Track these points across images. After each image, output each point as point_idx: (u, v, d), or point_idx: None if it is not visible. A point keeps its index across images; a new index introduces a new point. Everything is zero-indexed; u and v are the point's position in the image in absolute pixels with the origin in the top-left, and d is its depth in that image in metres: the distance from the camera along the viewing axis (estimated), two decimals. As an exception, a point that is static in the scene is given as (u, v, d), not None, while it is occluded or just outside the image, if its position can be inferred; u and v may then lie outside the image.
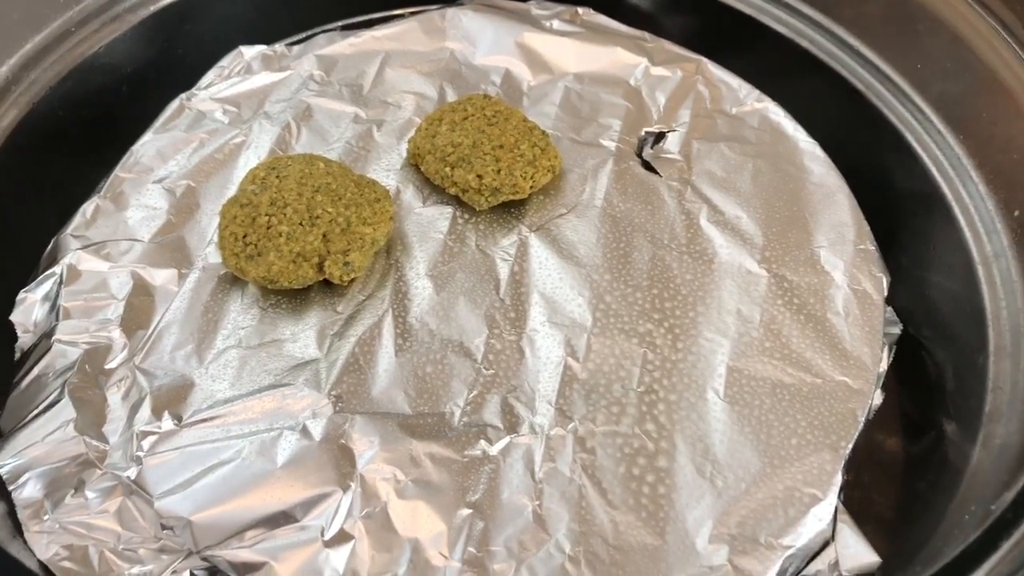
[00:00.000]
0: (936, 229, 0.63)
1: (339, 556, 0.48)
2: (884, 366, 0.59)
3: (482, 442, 0.53)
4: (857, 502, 0.54)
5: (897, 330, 0.61)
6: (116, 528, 0.50)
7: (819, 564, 0.50)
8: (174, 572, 0.48)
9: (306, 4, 0.75)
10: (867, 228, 0.63)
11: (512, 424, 0.53)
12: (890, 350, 0.60)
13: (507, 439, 0.53)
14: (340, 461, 0.51)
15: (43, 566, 0.48)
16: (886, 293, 0.60)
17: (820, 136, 0.68)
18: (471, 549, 0.49)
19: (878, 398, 0.58)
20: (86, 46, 0.66)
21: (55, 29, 0.64)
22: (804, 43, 0.72)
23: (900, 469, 0.61)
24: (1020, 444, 0.48)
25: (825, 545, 0.51)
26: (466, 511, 0.50)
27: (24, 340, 0.57)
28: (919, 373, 0.62)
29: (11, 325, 0.57)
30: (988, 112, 0.60)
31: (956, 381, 0.58)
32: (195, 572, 0.49)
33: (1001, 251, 0.58)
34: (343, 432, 0.52)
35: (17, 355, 0.57)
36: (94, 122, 0.67)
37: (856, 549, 0.51)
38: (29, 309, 0.58)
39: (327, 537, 0.49)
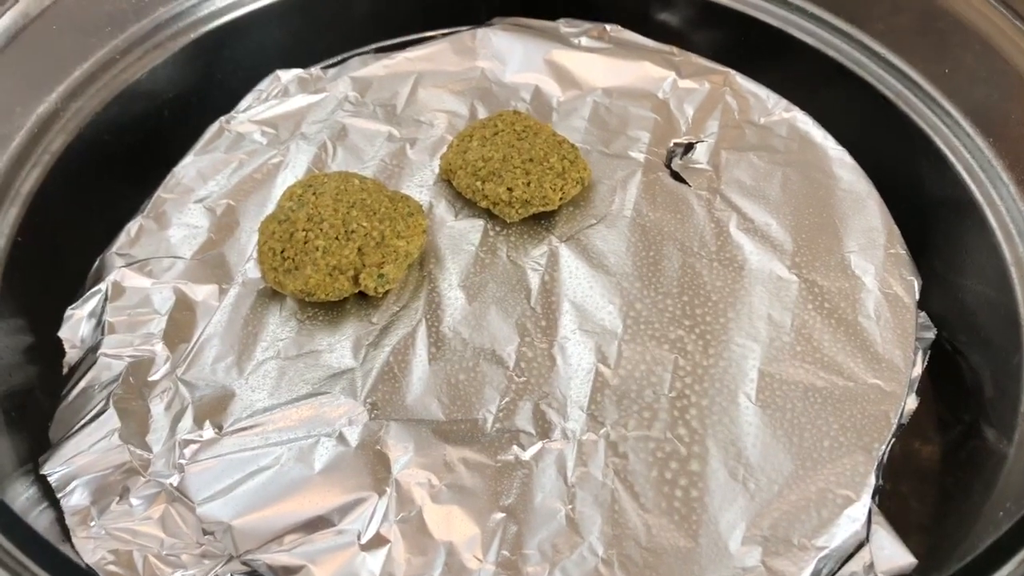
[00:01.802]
0: (968, 233, 0.63)
1: (375, 559, 0.49)
2: (918, 370, 0.59)
3: (515, 447, 0.53)
4: (895, 511, 0.54)
5: (931, 335, 0.61)
6: (160, 534, 0.51)
7: (854, 566, 0.50)
8: (216, 576, 0.50)
9: (340, 28, 0.77)
10: (897, 232, 0.63)
11: (544, 430, 0.54)
12: (924, 355, 0.60)
13: (539, 444, 0.54)
14: (376, 467, 0.52)
15: (90, 570, 0.49)
16: (918, 297, 0.60)
17: (849, 144, 0.68)
18: (505, 552, 0.50)
19: (912, 402, 0.58)
20: (129, 73, 0.69)
21: (100, 58, 0.67)
22: (831, 52, 0.72)
23: (938, 477, 0.61)
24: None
25: (860, 547, 0.51)
26: (500, 515, 0.51)
27: (71, 355, 0.59)
28: (955, 379, 0.62)
29: (60, 341, 0.59)
30: (1017, 114, 0.60)
31: (992, 384, 0.58)
32: (235, 576, 0.50)
33: (1034, 252, 0.57)
34: (378, 438, 0.53)
35: (65, 370, 0.59)
36: (137, 146, 0.69)
37: (892, 551, 0.50)
38: (76, 325, 0.60)
39: (363, 541, 0.50)
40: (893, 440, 0.55)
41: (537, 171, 0.62)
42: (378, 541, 0.50)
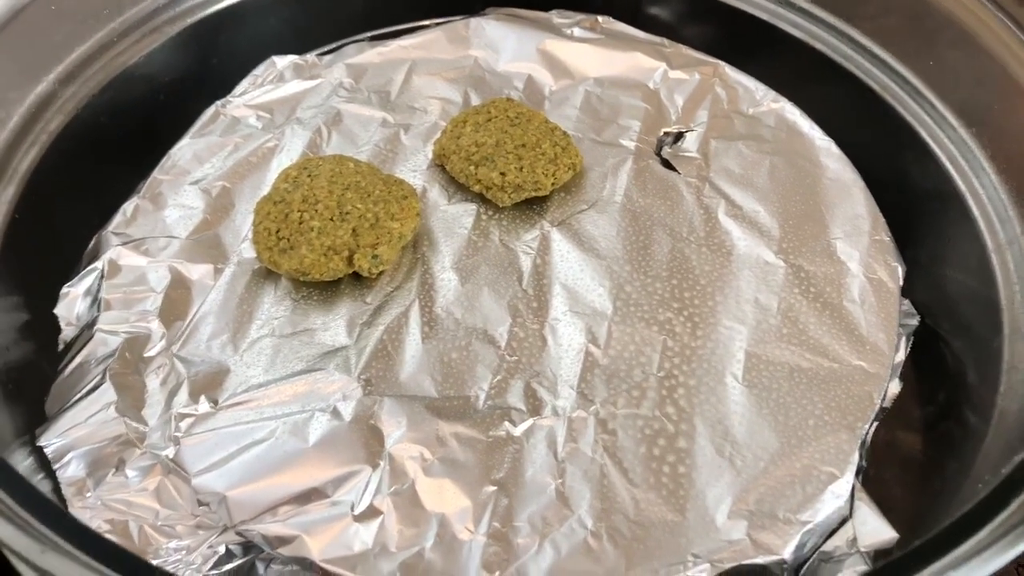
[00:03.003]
0: (951, 222, 0.64)
1: (368, 530, 0.50)
2: (902, 355, 0.60)
3: (506, 424, 0.54)
4: (879, 496, 0.55)
5: (914, 322, 0.62)
6: (155, 505, 0.52)
7: (837, 540, 0.51)
8: (210, 546, 0.50)
9: (336, 16, 0.77)
10: (882, 220, 0.64)
11: (535, 407, 0.55)
12: (907, 340, 0.61)
13: (530, 421, 0.54)
14: (369, 441, 0.53)
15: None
16: (901, 282, 0.62)
17: (836, 135, 0.70)
18: (496, 524, 0.50)
19: (895, 387, 0.59)
20: (126, 56, 0.69)
21: (98, 40, 0.67)
22: (819, 46, 0.73)
23: (920, 462, 0.62)
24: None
25: (843, 522, 0.52)
26: (491, 488, 0.52)
27: (67, 332, 0.60)
28: (938, 366, 0.63)
29: (56, 319, 0.60)
30: (1000, 105, 0.61)
31: (974, 369, 0.59)
32: (231, 546, 0.50)
33: (1014, 238, 0.59)
34: (372, 413, 0.54)
35: (60, 347, 0.59)
36: (134, 128, 0.69)
37: (874, 526, 0.51)
38: (72, 303, 0.60)
39: (357, 512, 0.50)
40: (877, 424, 0.56)
41: (529, 156, 0.63)
42: (371, 512, 0.50)
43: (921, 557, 0.37)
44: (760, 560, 0.49)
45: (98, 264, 0.61)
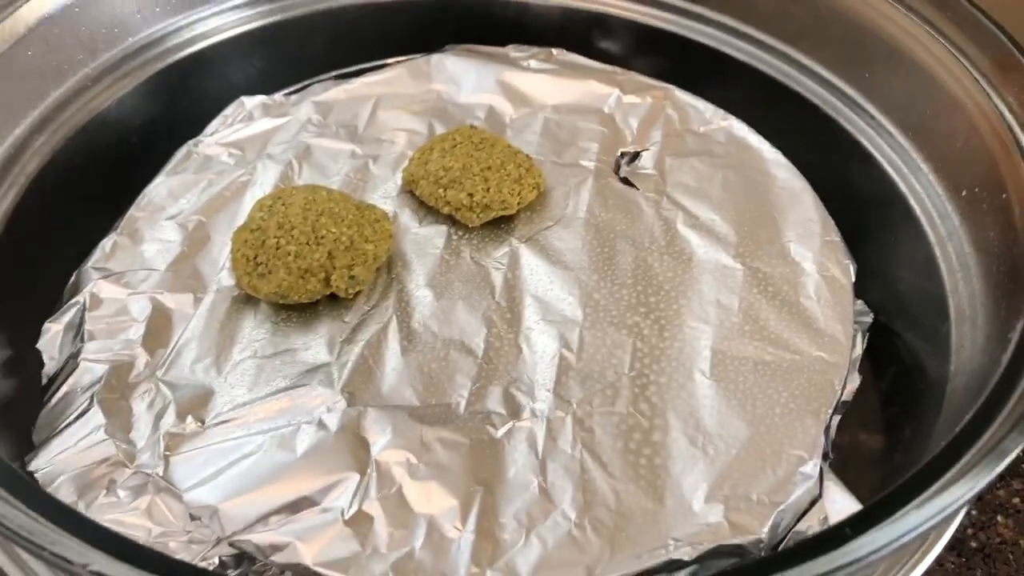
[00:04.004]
0: (895, 222, 0.68)
1: (359, 534, 0.51)
2: (859, 351, 0.63)
3: (488, 427, 0.56)
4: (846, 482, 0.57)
5: (869, 319, 0.66)
6: (147, 523, 0.52)
7: (810, 520, 0.54)
8: (204, 559, 0.51)
9: (301, 57, 0.80)
10: (832, 222, 0.68)
11: (514, 411, 0.57)
12: (864, 336, 0.64)
13: (510, 423, 0.56)
14: (356, 449, 0.55)
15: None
16: (854, 278, 0.65)
17: (783, 148, 0.74)
18: (483, 521, 0.52)
19: (854, 381, 0.62)
20: (99, 100, 0.71)
21: (72, 84, 0.69)
22: (763, 67, 0.77)
23: (882, 450, 0.65)
24: (975, 391, 0.52)
25: (814, 502, 0.54)
26: (476, 488, 0.53)
27: (50, 366, 0.61)
28: (893, 357, 0.66)
29: (39, 353, 0.61)
30: (931, 109, 0.66)
31: (926, 354, 0.63)
32: (224, 558, 0.51)
33: (953, 230, 0.63)
34: (357, 423, 0.56)
35: (44, 381, 0.60)
36: (109, 169, 0.71)
37: (843, 504, 0.54)
38: (54, 338, 0.61)
39: (347, 517, 0.52)
40: (838, 416, 0.59)
41: (495, 178, 0.66)
42: (361, 517, 0.52)
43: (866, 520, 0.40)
44: (738, 540, 0.51)
45: (79, 298, 0.63)
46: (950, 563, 0.70)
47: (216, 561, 0.51)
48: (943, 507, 0.40)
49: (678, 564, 0.51)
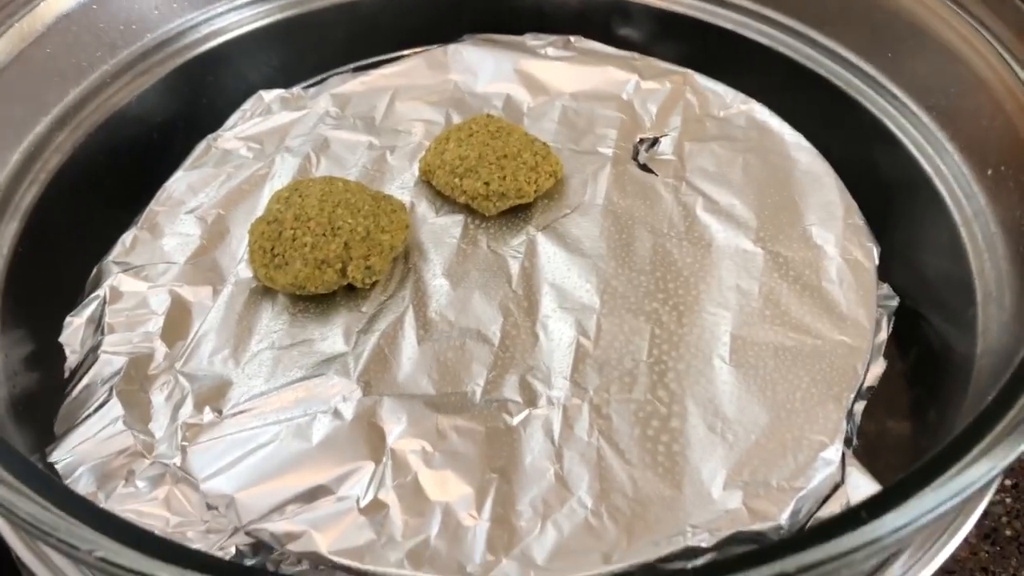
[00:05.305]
0: (921, 204, 0.67)
1: (375, 522, 0.51)
2: (884, 335, 0.62)
3: (503, 415, 0.56)
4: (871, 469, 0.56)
5: (894, 303, 0.64)
6: (165, 513, 0.53)
7: (832, 506, 0.53)
8: (220, 548, 0.51)
9: (319, 51, 0.81)
10: (855, 205, 0.67)
11: (530, 398, 0.57)
12: (889, 320, 0.63)
13: (527, 411, 0.56)
14: (371, 438, 0.55)
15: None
16: (877, 261, 0.64)
17: (805, 132, 0.72)
18: (499, 509, 0.52)
19: (880, 366, 0.60)
20: (119, 97, 0.72)
21: (93, 81, 0.70)
22: (784, 50, 0.76)
23: (909, 436, 0.64)
24: (1002, 372, 0.51)
25: (836, 488, 0.53)
26: (492, 476, 0.53)
27: (72, 360, 0.61)
28: (920, 341, 0.65)
29: (61, 347, 0.62)
30: (956, 88, 0.64)
31: (953, 337, 0.61)
32: (240, 547, 0.52)
33: (979, 210, 0.61)
34: (373, 412, 0.56)
35: (67, 374, 0.61)
36: (129, 165, 0.72)
37: (867, 490, 0.53)
38: (76, 331, 0.62)
39: (363, 505, 0.52)
40: (863, 402, 0.58)
41: (511, 166, 0.66)
42: (377, 505, 0.52)
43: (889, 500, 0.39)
44: (757, 527, 0.51)
45: (100, 292, 0.63)
46: (984, 552, 0.69)
47: (233, 550, 0.51)
48: (963, 487, 0.39)
49: (696, 551, 0.50)
